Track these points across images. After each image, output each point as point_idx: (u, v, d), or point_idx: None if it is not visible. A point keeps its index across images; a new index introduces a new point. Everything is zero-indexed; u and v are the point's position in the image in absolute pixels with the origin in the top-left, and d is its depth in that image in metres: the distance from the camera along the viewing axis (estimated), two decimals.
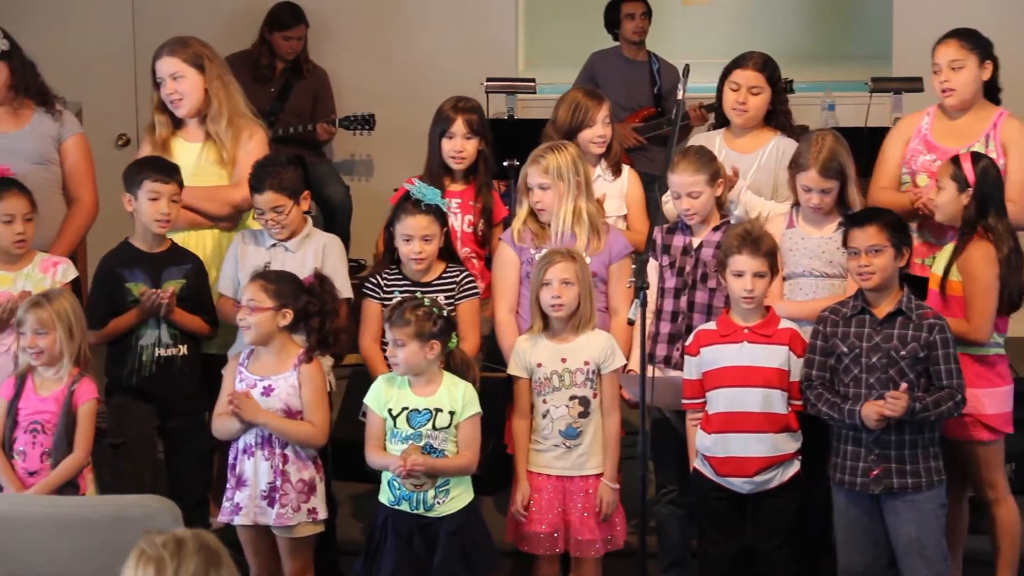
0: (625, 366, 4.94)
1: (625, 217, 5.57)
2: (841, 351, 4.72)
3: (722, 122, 5.60)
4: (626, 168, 5.63)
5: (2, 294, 5.16)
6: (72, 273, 5.24)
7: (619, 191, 5.57)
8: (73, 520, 4.04)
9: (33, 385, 4.78)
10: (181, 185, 5.21)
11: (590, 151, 5.47)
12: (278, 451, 4.71)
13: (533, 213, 5.19)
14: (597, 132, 5.50)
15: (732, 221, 5.11)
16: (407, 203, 5.09)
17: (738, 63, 5.41)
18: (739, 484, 4.78)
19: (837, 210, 5.06)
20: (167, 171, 5.18)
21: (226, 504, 4.75)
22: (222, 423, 4.79)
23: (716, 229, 5.11)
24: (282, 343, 4.76)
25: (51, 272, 5.19)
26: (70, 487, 4.69)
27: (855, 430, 4.68)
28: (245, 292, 4.77)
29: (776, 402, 4.74)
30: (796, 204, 5.13)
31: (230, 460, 4.78)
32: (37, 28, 5.60)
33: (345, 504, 5.49)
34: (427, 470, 4.57)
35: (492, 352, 5.31)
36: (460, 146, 5.47)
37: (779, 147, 5.35)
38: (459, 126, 5.47)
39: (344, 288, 5.09)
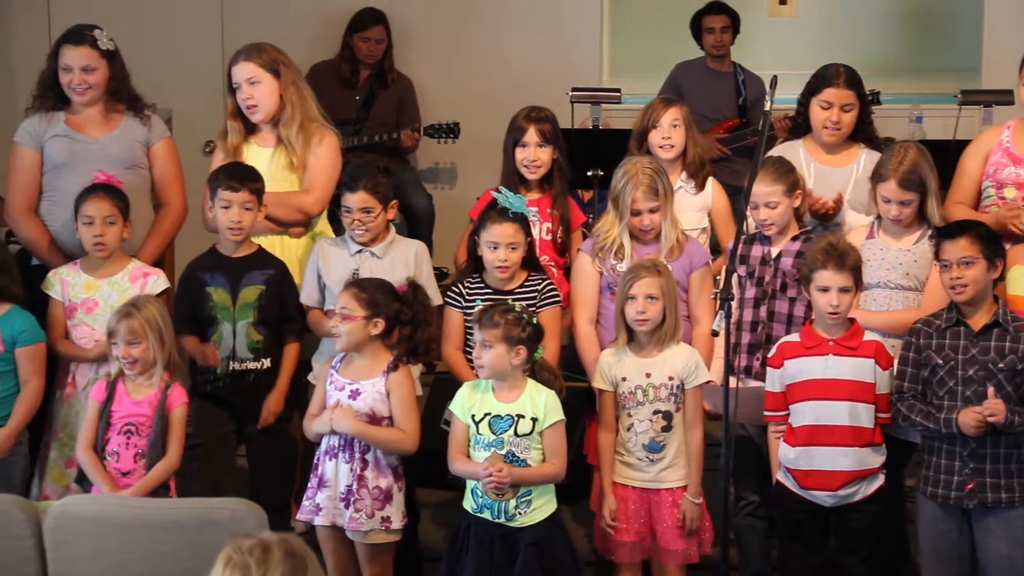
0: (708, 382, 4.93)
1: (704, 231, 5.55)
2: (936, 363, 4.67)
3: (797, 132, 5.57)
4: (712, 182, 5.61)
5: (91, 300, 5.24)
6: (162, 285, 5.30)
7: (701, 204, 5.55)
8: (162, 521, 4.08)
9: (125, 389, 4.84)
10: (256, 192, 5.23)
11: (657, 155, 5.46)
12: (358, 456, 4.74)
13: (613, 226, 5.18)
14: (662, 134, 5.50)
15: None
16: (494, 211, 5.11)
17: (827, 80, 5.36)
18: (823, 497, 4.75)
19: (917, 222, 5.01)
20: (239, 179, 5.22)
21: (306, 503, 4.79)
22: (310, 426, 4.82)
23: (795, 239, 5.10)
24: (374, 350, 4.79)
25: (140, 283, 5.26)
26: (160, 489, 4.76)
27: (949, 443, 4.64)
28: (338, 300, 4.81)
29: (862, 415, 4.71)
30: (878, 216, 5.10)
31: (313, 461, 4.82)
32: (128, 36, 5.66)
33: (427, 511, 5.51)
34: (514, 480, 4.59)
35: (571, 361, 5.31)
36: (533, 155, 5.49)
37: (870, 160, 5.31)
38: (532, 135, 5.48)
39: (435, 296, 5.11)
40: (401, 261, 5.21)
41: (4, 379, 5.06)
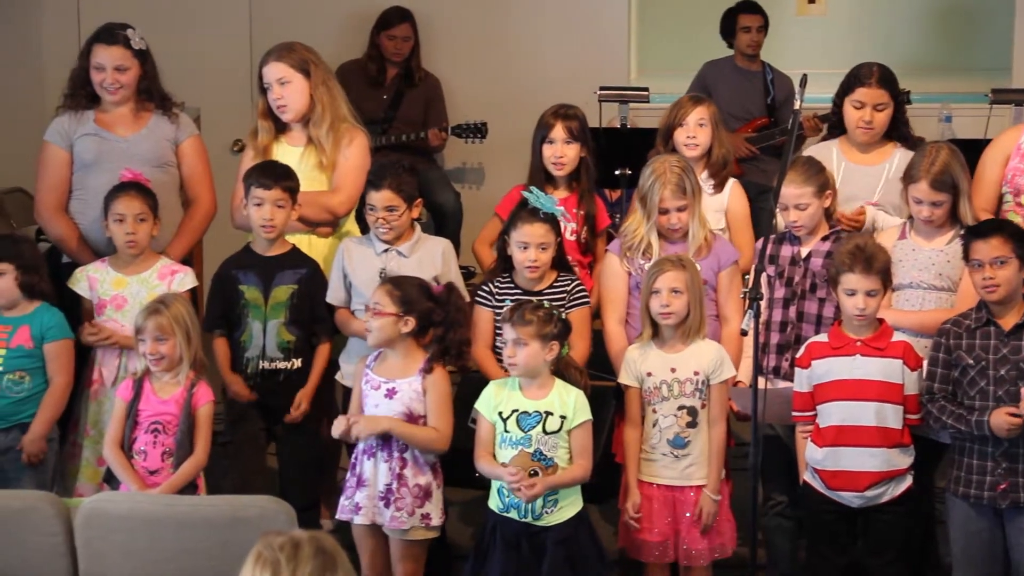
0: (734, 378, 4.92)
1: (722, 231, 5.53)
2: (966, 363, 4.65)
3: (833, 132, 5.55)
4: (732, 183, 5.59)
5: (120, 297, 5.27)
6: (190, 283, 5.31)
7: (719, 204, 5.53)
8: (191, 519, 4.10)
9: (152, 387, 4.86)
10: (289, 190, 5.24)
11: (682, 152, 5.45)
12: (396, 454, 4.74)
13: (641, 225, 5.17)
14: (687, 132, 5.49)
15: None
16: (524, 211, 5.11)
17: (860, 80, 5.35)
18: (850, 498, 4.74)
19: (949, 223, 4.99)
20: (272, 176, 5.23)
21: (345, 503, 4.79)
22: (337, 427, 4.82)
23: (825, 239, 5.08)
24: (407, 348, 4.79)
25: (168, 280, 5.28)
26: (189, 487, 4.77)
27: (981, 443, 4.62)
28: (373, 295, 4.81)
29: (890, 416, 4.69)
30: (910, 216, 5.08)
31: (351, 460, 4.83)
32: (157, 35, 5.68)
33: (455, 509, 5.51)
34: (545, 489, 4.58)
35: (599, 361, 5.31)
36: (560, 151, 5.49)
37: (903, 160, 5.28)
38: (559, 131, 5.48)
39: (463, 294, 5.12)
40: (428, 260, 5.22)
41: (34, 376, 5.09)
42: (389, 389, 4.76)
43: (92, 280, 5.30)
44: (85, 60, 5.49)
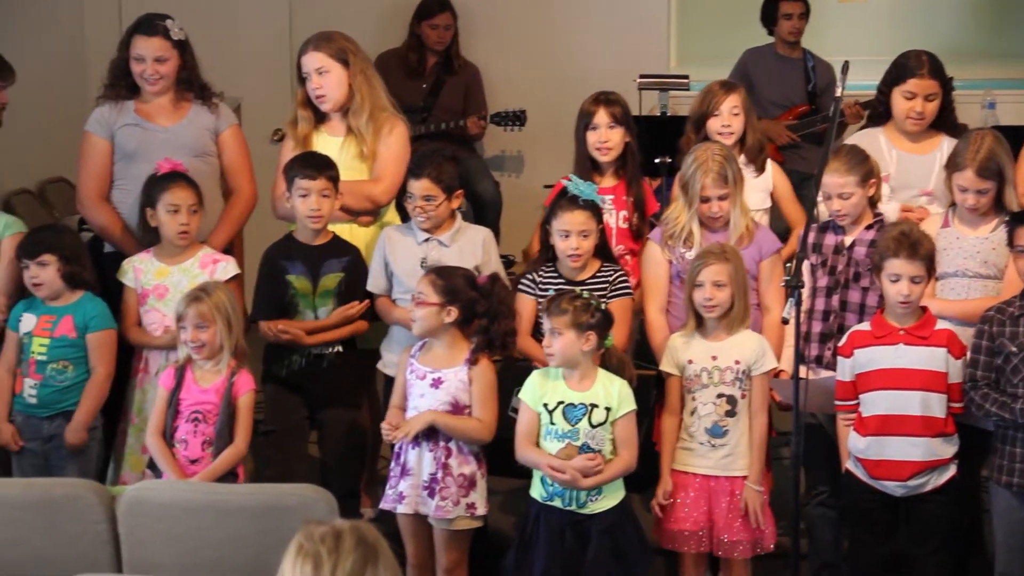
0: (775, 369, 4.90)
1: (767, 211, 5.52)
2: (1009, 351, 4.62)
3: (876, 119, 5.52)
4: (771, 164, 5.59)
5: (162, 286, 5.29)
6: (232, 271, 5.33)
7: (762, 185, 5.52)
8: (232, 507, 4.11)
9: (193, 376, 4.87)
10: (332, 179, 5.25)
11: (718, 141, 5.43)
12: (442, 443, 4.74)
13: (682, 213, 5.16)
14: (722, 121, 5.48)
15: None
16: (564, 199, 5.10)
17: (911, 71, 5.30)
18: (892, 487, 4.71)
19: (994, 210, 4.96)
20: (315, 167, 5.24)
21: (389, 492, 4.80)
22: (386, 435, 4.82)
23: (869, 227, 5.05)
24: (452, 338, 4.78)
25: (210, 269, 5.29)
26: (229, 475, 4.78)
27: None
28: (417, 285, 4.81)
29: (934, 405, 4.66)
30: (953, 204, 5.04)
31: (395, 449, 4.82)
32: (197, 25, 5.70)
33: (496, 498, 5.51)
34: (595, 486, 4.58)
35: (639, 350, 5.29)
36: (604, 136, 5.46)
37: (952, 149, 5.26)
38: (602, 116, 5.46)
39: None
40: (468, 249, 5.21)
41: (77, 365, 5.13)
42: (435, 379, 4.76)
43: (137, 271, 5.32)
44: (125, 51, 5.51)
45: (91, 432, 5.14)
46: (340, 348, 5.25)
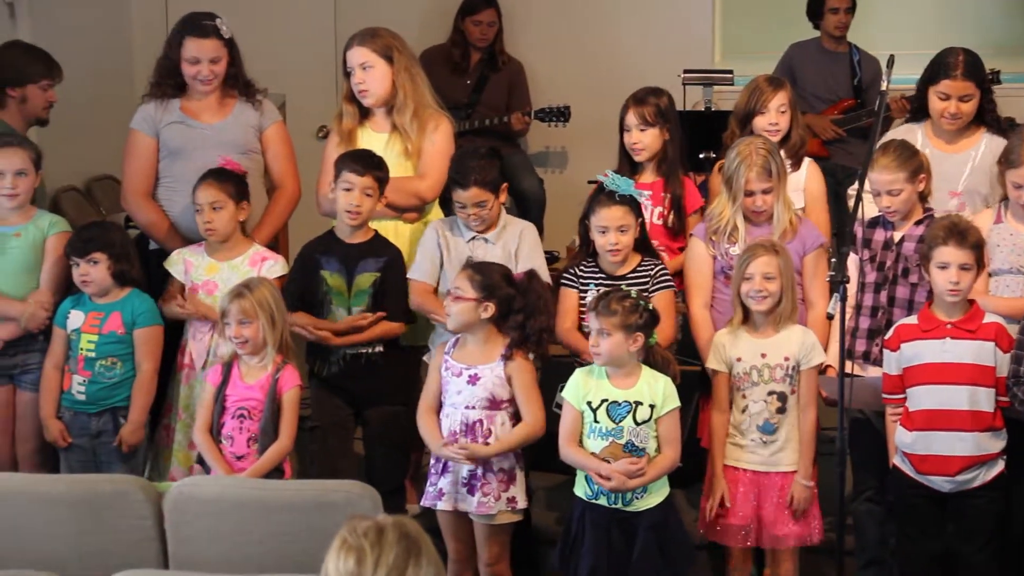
0: (823, 364, 4.87)
1: (801, 210, 5.49)
2: None
3: (917, 115, 5.47)
4: (807, 161, 5.56)
5: (211, 282, 5.31)
6: (279, 271, 5.33)
7: (797, 184, 5.48)
8: (278, 503, 4.12)
9: (239, 372, 4.89)
10: (379, 180, 5.25)
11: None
12: (480, 440, 4.73)
13: (726, 208, 5.14)
14: (769, 119, 5.45)
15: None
16: (602, 195, 5.09)
17: (945, 72, 5.24)
18: (940, 483, 4.68)
19: None
20: (363, 163, 5.24)
21: (429, 489, 4.80)
22: (423, 427, 4.82)
23: (918, 223, 5.01)
24: (487, 334, 4.78)
25: (258, 267, 5.31)
26: (275, 472, 4.79)
27: None
28: (454, 280, 4.82)
29: (982, 400, 4.62)
30: (1004, 199, 5.00)
31: None
32: (242, 21, 5.72)
33: (538, 494, 5.51)
34: (641, 485, 4.57)
35: (683, 345, 5.28)
36: (636, 138, 5.46)
37: (990, 146, 5.22)
38: (631, 118, 5.45)
39: (542, 273, 5.10)
40: (513, 244, 5.21)
41: (125, 361, 5.15)
42: (471, 375, 4.76)
43: (188, 264, 5.35)
44: (175, 52, 5.52)
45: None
46: (381, 347, 5.25)
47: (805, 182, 5.50)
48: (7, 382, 5.30)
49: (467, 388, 4.76)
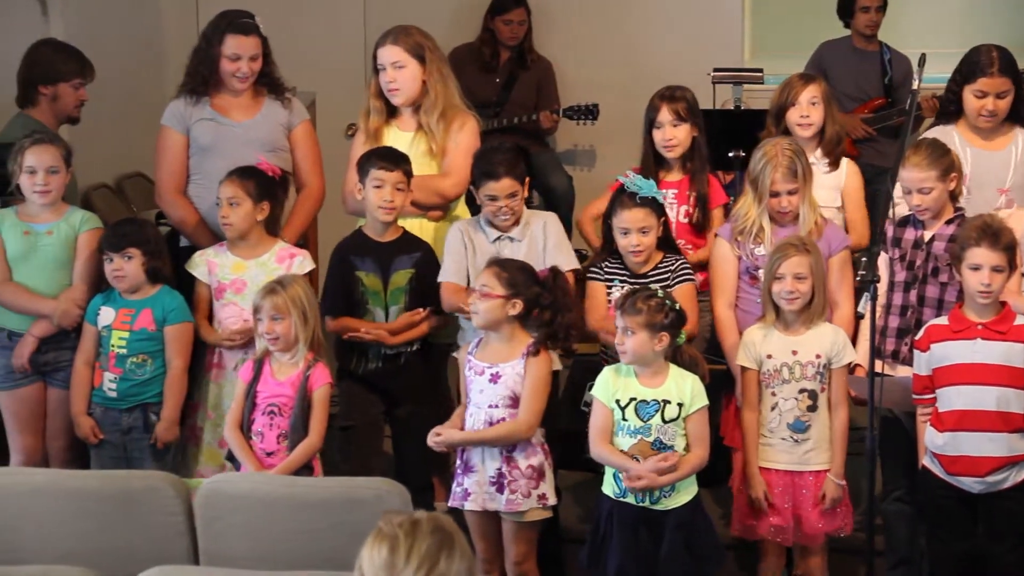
0: (853, 363, 4.86)
1: (839, 209, 5.47)
2: None
3: (947, 117, 5.45)
4: (846, 161, 5.54)
5: (239, 281, 5.33)
6: (308, 266, 5.35)
7: (835, 183, 5.48)
8: (308, 500, 4.13)
9: (271, 369, 4.90)
10: (409, 175, 5.27)
11: (796, 133, 5.40)
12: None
13: (752, 208, 5.13)
14: (800, 112, 5.44)
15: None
16: (623, 196, 5.10)
17: (981, 70, 5.21)
18: (970, 484, 4.66)
19: None
20: (392, 159, 5.25)
21: (456, 489, 4.81)
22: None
23: (949, 222, 5.00)
24: (512, 332, 4.78)
25: (287, 264, 5.31)
26: (304, 468, 4.80)
27: None
28: (479, 277, 4.82)
29: (1012, 401, 4.60)
30: None
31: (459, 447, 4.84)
32: (272, 19, 5.73)
33: (566, 492, 5.51)
34: (668, 484, 4.56)
35: (712, 345, 5.27)
36: (669, 134, 5.45)
37: None
38: (665, 114, 5.44)
39: (569, 260, 5.11)
40: (540, 240, 5.21)
41: (156, 359, 5.18)
42: (493, 374, 4.76)
43: (211, 264, 5.36)
44: (215, 48, 5.53)
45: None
46: (417, 346, 5.27)
47: (844, 181, 5.49)
48: (39, 379, 5.33)
49: (489, 387, 4.76)
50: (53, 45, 6.19)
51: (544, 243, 5.19)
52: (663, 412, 4.59)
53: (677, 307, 4.63)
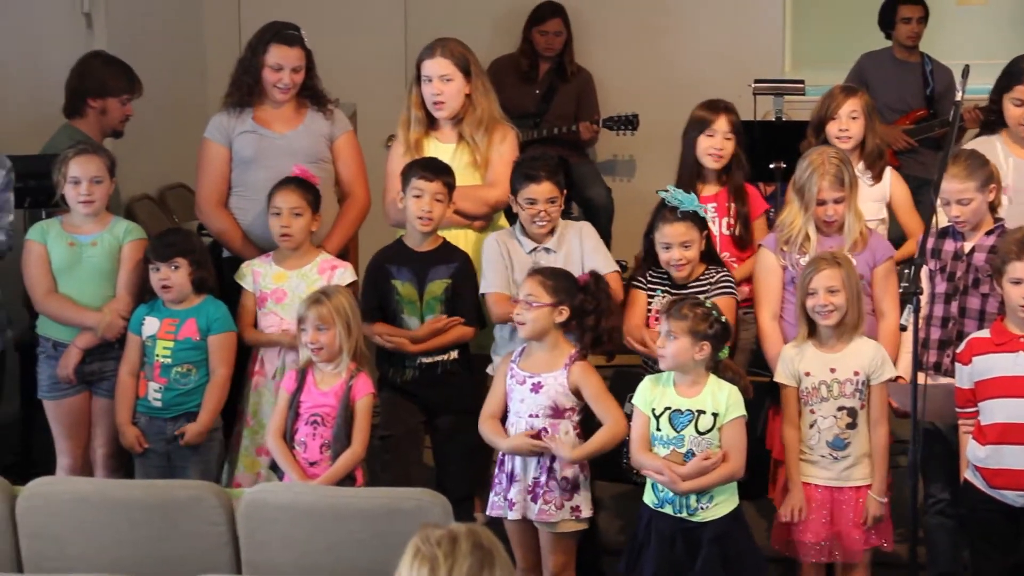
0: (894, 377, 4.85)
1: (882, 221, 5.46)
2: None
3: (989, 127, 5.43)
4: (889, 170, 5.54)
5: (280, 290, 5.36)
6: (349, 278, 5.37)
7: (879, 195, 5.46)
8: (350, 511, 4.13)
9: (314, 379, 4.92)
10: (449, 187, 5.28)
11: (835, 145, 5.39)
12: (543, 455, 4.74)
13: (798, 218, 5.13)
14: (840, 125, 5.45)
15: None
16: (664, 210, 5.10)
17: (1018, 77, 5.23)
18: (1012, 497, 4.63)
19: None
20: (434, 170, 5.26)
21: (495, 499, 4.81)
22: (488, 430, 4.84)
23: (989, 233, 4.98)
24: (555, 340, 4.79)
25: (328, 275, 5.34)
26: (347, 479, 4.81)
27: None
28: (523, 288, 4.82)
29: None
30: None
31: (499, 456, 4.84)
32: (314, 31, 5.76)
33: (606, 503, 5.51)
34: (698, 489, 4.56)
35: (757, 356, 5.26)
36: (720, 144, 5.46)
37: None
38: (722, 124, 5.46)
39: (606, 264, 5.11)
40: (576, 250, 5.21)
41: (200, 368, 5.20)
42: (535, 384, 4.77)
43: (256, 274, 5.39)
44: (259, 58, 5.56)
45: (212, 433, 5.21)
46: (456, 355, 5.28)
47: (890, 191, 5.48)
48: (84, 389, 5.37)
49: (530, 396, 4.77)
50: (104, 59, 6.25)
51: (581, 251, 5.19)
52: (697, 422, 4.59)
53: (724, 320, 4.62)
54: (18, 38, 6.87)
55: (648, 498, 4.68)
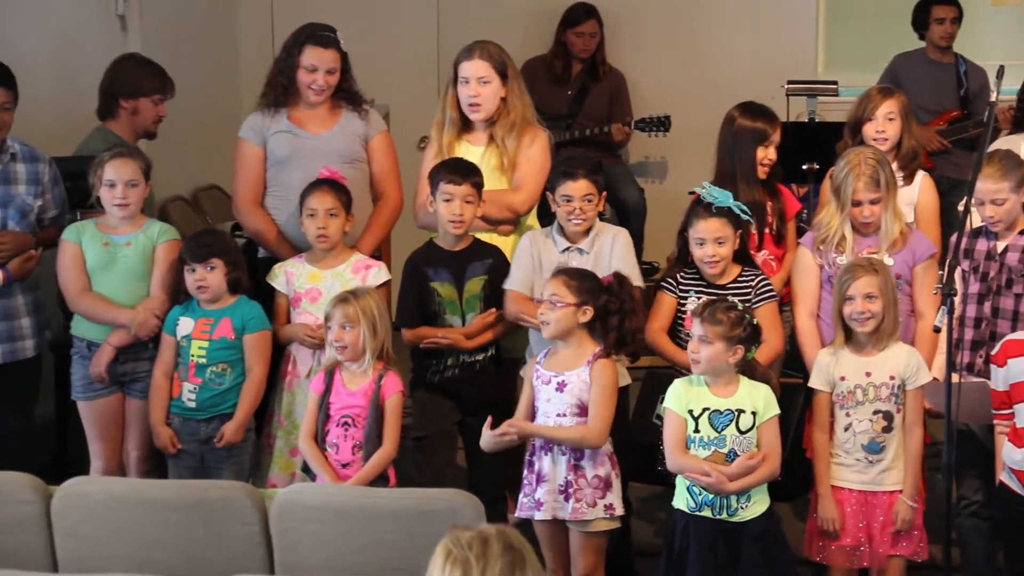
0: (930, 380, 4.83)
1: (910, 225, 5.43)
2: None
3: (1020, 124, 5.41)
4: (921, 175, 5.51)
5: (315, 290, 5.37)
6: (383, 277, 5.38)
7: (908, 198, 5.44)
8: (382, 511, 4.13)
9: (342, 380, 4.92)
10: (478, 187, 5.28)
11: (873, 147, 5.37)
12: (570, 450, 4.73)
13: (834, 218, 5.12)
14: (876, 126, 5.43)
15: None
16: (699, 207, 5.09)
17: None
18: None
19: None
20: (461, 172, 5.26)
21: (524, 500, 4.80)
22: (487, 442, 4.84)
23: (1022, 233, 4.96)
24: (579, 340, 4.78)
25: (361, 275, 5.35)
26: (380, 479, 4.82)
27: None
28: (547, 287, 4.82)
29: None
30: None
31: (528, 457, 4.83)
32: (347, 33, 5.77)
33: (638, 505, 5.50)
34: (742, 489, 4.54)
35: (791, 357, 5.25)
36: (773, 155, 5.47)
37: None
38: (777, 135, 5.46)
39: (636, 277, 5.09)
40: (607, 255, 5.20)
41: (235, 367, 5.21)
42: (559, 383, 4.76)
43: (289, 275, 5.40)
44: (294, 58, 5.57)
45: (246, 433, 5.23)
46: (493, 352, 5.29)
47: (918, 196, 5.46)
48: (117, 389, 5.39)
49: (556, 395, 4.76)
50: (137, 60, 6.28)
51: (610, 256, 5.18)
52: (738, 422, 4.57)
53: (754, 322, 4.61)
54: (52, 41, 6.91)
55: (681, 503, 4.64)
